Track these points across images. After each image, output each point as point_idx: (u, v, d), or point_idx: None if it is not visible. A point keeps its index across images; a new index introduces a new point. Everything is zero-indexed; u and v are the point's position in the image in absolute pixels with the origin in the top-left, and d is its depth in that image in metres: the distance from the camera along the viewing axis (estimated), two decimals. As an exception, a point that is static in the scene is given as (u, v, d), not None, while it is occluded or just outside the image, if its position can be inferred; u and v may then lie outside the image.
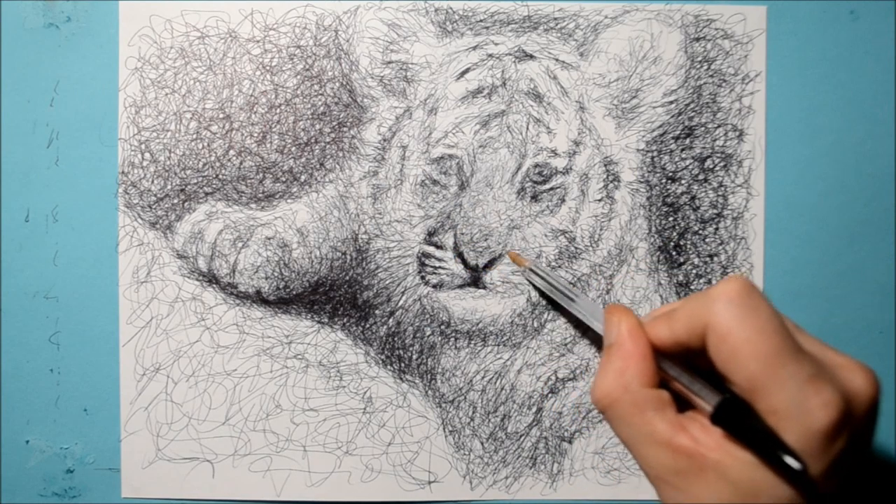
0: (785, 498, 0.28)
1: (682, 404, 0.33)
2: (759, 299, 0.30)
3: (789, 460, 0.27)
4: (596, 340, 0.50)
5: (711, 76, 0.50)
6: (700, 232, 0.50)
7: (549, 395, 0.51)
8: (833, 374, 0.29)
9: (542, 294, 0.50)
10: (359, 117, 0.50)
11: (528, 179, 0.50)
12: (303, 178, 0.50)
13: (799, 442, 0.28)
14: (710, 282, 0.50)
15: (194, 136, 0.50)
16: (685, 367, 0.33)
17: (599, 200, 0.50)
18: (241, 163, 0.50)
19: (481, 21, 0.50)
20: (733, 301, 0.30)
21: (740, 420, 0.29)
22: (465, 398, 0.51)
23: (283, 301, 0.50)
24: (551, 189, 0.50)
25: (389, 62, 0.50)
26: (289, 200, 0.50)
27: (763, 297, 0.30)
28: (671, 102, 0.50)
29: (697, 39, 0.50)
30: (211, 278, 0.50)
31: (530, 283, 0.49)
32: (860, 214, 0.51)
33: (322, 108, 0.50)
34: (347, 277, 0.50)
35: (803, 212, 0.51)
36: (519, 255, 0.49)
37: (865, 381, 0.30)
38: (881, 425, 0.51)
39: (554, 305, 0.50)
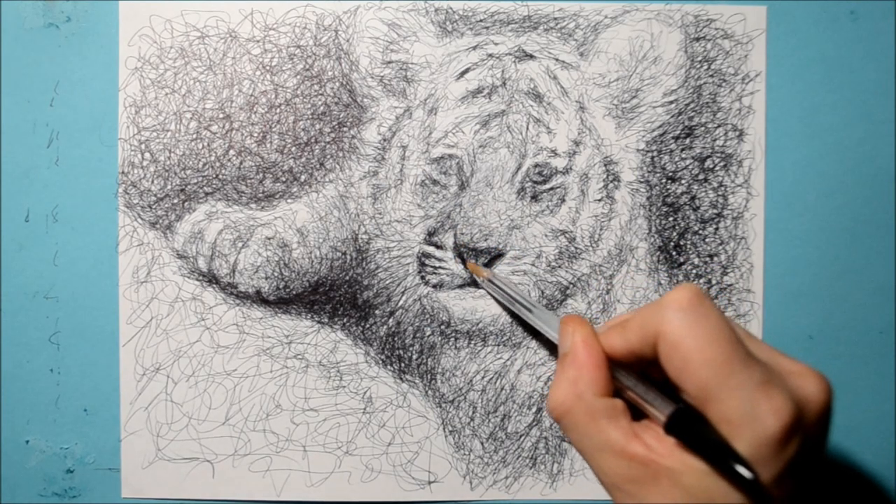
0: None
1: (637, 413, 0.33)
2: (709, 307, 0.30)
3: (741, 469, 0.27)
4: (554, 351, 0.50)
5: (711, 76, 0.50)
6: (700, 232, 0.50)
7: (549, 395, 0.51)
8: (784, 380, 0.30)
9: (500, 305, 0.50)
10: (359, 117, 0.50)
11: (528, 179, 0.50)
12: (303, 178, 0.50)
13: (750, 449, 0.28)
14: (710, 282, 0.50)
15: (194, 136, 0.50)
16: (639, 377, 0.33)
17: (599, 200, 0.50)
18: (241, 163, 0.50)
19: (481, 21, 0.50)
20: (683, 309, 0.30)
21: (692, 429, 0.30)
22: (465, 398, 0.51)
23: (283, 301, 0.50)
24: (551, 189, 0.50)
25: (389, 62, 0.50)
26: (289, 200, 0.50)
27: (713, 305, 0.31)
28: (671, 102, 0.50)
29: (697, 39, 0.50)
30: (211, 278, 0.50)
31: (489, 293, 0.49)
32: (860, 214, 0.51)
33: (322, 108, 0.50)
34: (347, 277, 0.50)
35: (803, 212, 0.51)
36: (478, 267, 0.49)
37: (817, 387, 0.30)
38: (877, 427, 0.51)
39: (512, 315, 0.50)
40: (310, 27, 0.50)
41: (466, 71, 0.50)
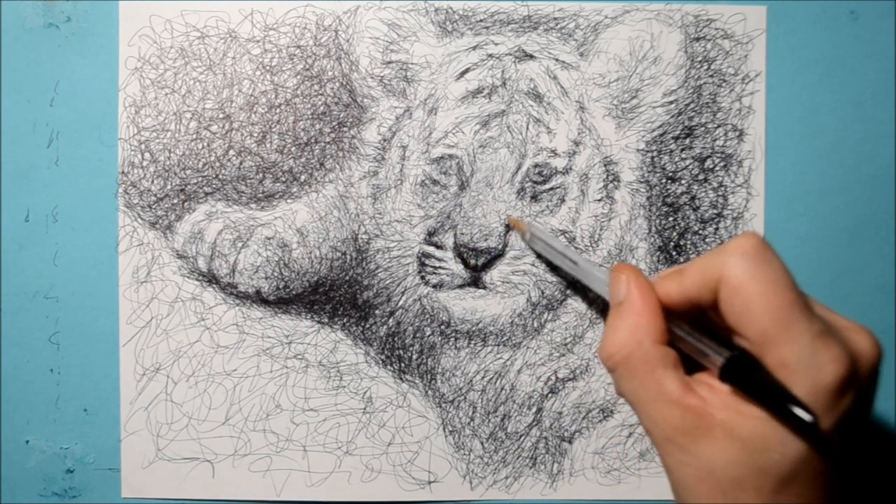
0: (794, 453, 0.28)
1: (689, 369, 0.33)
2: (772, 255, 0.30)
3: (800, 412, 0.27)
4: (595, 302, 0.50)
5: (711, 76, 0.50)
6: (700, 232, 0.50)
7: (549, 395, 0.51)
8: (840, 333, 0.30)
9: (542, 258, 0.49)
10: (359, 117, 0.50)
11: (528, 179, 0.50)
12: (303, 178, 0.50)
13: (809, 396, 0.28)
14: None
15: (194, 136, 0.50)
16: (693, 326, 0.33)
17: (599, 200, 0.50)
18: (241, 163, 0.50)
19: (481, 21, 0.50)
20: (748, 255, 0.30)
21: (749, 375, 0.29)
22: (465, 398, 0.51)
23: (283, 301, 0.50)
24: (551, 189, 0.50)
25: (389, 62, 0.50)
26: (289, 200, 0.50)
27: (776, 253, 0.30)
28: (671, 102, 0.50)
29: (697, 39, 0.50)
30: (211, 278, 0.50)
31: (531, 248, 0.49)
32: (860, 214, 0.51)
33: (322, 108, 0.50)
34: (347, 277, 0.50)
35: (803, 212, 0.51)
36: (519, 220, 0.48)
37: (869, 344, 0.30)
38: (877, 427, 0.51)
39: (553, 268, 0.49)
40: (310, 27, 0.50)
41: (466, 71, 0.50)
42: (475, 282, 0.50)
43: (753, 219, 0.50)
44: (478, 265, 0.49)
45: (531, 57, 0.50)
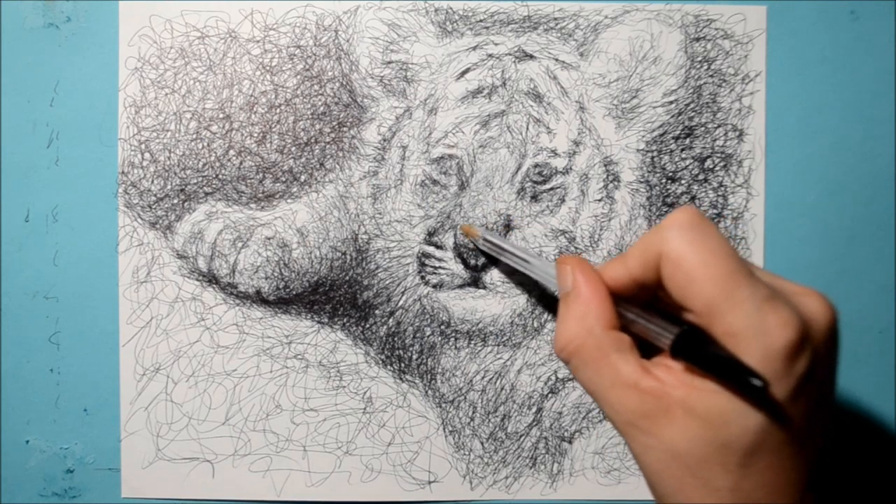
0: (754, 424, 0.28)
1: (644, 353, 0.32)
2: (709, 225, 0.30)
3: (752, 380, 0.26)
4: (553, 305, 0.50)
5: (711, 76, 0.50)
6: (700, 232, 0.50)
7: (549, 395, 0.51)
8: (789, 298, 0.29)
9: (495, 262, 0.49)
10: (359, 117, 0.50)
11: (528, 179, 0.50)
12: (303, 178, 0.50)
13: (760, 363, 0.27)
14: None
15: (194, 136, 0.50)
16: (642, 308, 0.32)
17: (599, 200, 0.50)
18: (241, 163, 0.50)
19: (481, 21, 0.50)
20: (684, 227, 0.30)
21: (699, 349, 0.29)
22: (465, 398, 0.51)
23: (283, 301, 0.50)
24: (551, 189, 0.50)
25: (389, 62, 0.50)
26: (289, 200, 0.50)
27: (713, 224, 0.30)
28: (671, 102, 0.50)
29: (697, 39, 0.50)
30: (211, 278, 0.50)
31: (483, 253, 0.49)
32: (860, 214, 0.51)
33: (322, 108, 0.50)
34: (347, 277, 0.50)
35: (803, 212, 0.51)
36: (471, 227, 0.48)
37: (821, 306, 0.30)
38: (878, 427, 0.51)
39: (509, 272, 0.49)
40: (310, 27, 0.50)
41: (466, 71, 0.50)
42: (475, 282, 0.50)
43: (753, 219, 0.50)
44: (478, 265, 0.49)
45: (531, 57, 0.50)
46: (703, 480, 0.28)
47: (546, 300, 0.50)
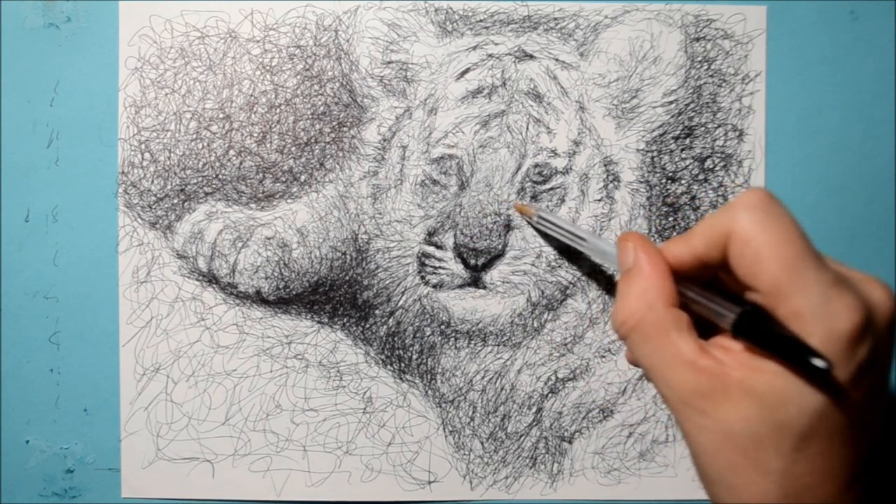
0: (812, 406, 0.28)
1: (703, 336, 0.32)
2: (780, 207, 0.30)
3: (815, 360, 0.26)
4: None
5: (711, 76, 0.50)
6: (700, 232, 0.50)
7: (549, 395, 0.51)
8: (853, 284, 0.29)
9: (550, 241, 0.49)
10: (359, 117, 0.50)
11: (527, 179, 0.50)
12: (303, 178, 0.50)
13: (823, 345, 0.27)
14: (710, 282, 0.50)
15: (194, 136, 0.50)
16: (703, 287, 0.32)
17: (599, 200, 0.50)
18: (241, 163, 0.50)
19: (481, 21, 0.50)
20: (755, 207, 0.30)
21: (762, 328, 0.29)
22: (465, 398, 0.51)
23: (283, 301, 0.50)
24: (551, 189, 0.50)
25: (389, 62, 0.50)
26: (289, 200, 0.50)
27: (784, 206, 0.30)
28: (671, 102, 0.50)
29: (697, 39, 0.50)
30: (211, 278, 0.50)
31: (539, 232, 0.49)
32: (860, 214, 0.51)
33: (322, 108, 0.50)
34: (347, 277, 0.50)
35: (803, 212, 0.51)
36: (525, 205, 0.48)
37: (885, 294, 0.30)
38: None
39: (562, 251, 0.49)
40: (310, 27, 0.50)
41: (466, 71, 0.50)
42: (475, 282, 0.50)
43: (753, 219, 0.50)
44: (478, 265, 0.49)
45: (531, 57, 0.50)
46: (755, 462, 0.28)
47: (596, 277, 0.50)
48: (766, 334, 0.29)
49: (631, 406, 0.51)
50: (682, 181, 0.50)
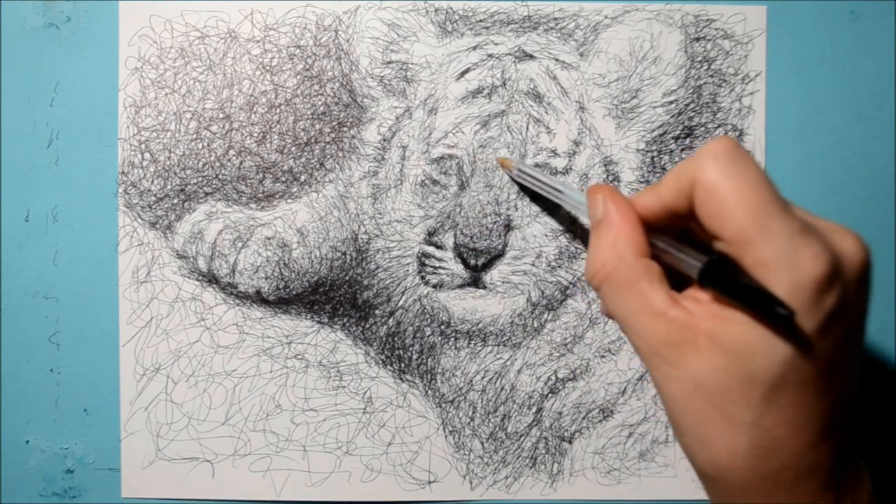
0: (780, 356, 0.27)
1: (676, 287, 0.32)
2: (745, 156, 0.30)
3: (778, 309, 0.26)
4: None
5: (711, 76, 0.50)
6: (700, 232, 0.50)
7: (549, 395, 0.51)
8: (821, 233, 0.29)
9: (530, 194, 0.49)
10: (359, 117, 0.50)
11: (528, 179, 0.50)
12: (303, 178, 0.50)
13: (789, 294, 0.27)
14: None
15: (194, 136, 0.50)
16: (672, 237, 0.32)
17: (599, 200, 0.50)
18: (241, 163, 0.50)
19: (481, 21, 0.50)
20: (720, 155, 0.29)
21: (728, 277, 0.29)
22: (465, 398, 0.51)
23: (283, 301, 0.50)
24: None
25: (389, 62, 0.50)
26: (289, 200, 0.50)
27: (750, 155, 0.30)
28: (671, 102, 0.50)
29: (697, 39, 0.50)
30: (211, 278, 0.50)
31: (518, 184, 0.49)
32: (860, 214, 0.51)
33: (322, 108, 0.50)
34: (347, 277, 0.50)
35: (803, 212, 0.51)
36: (506, 159, 0.48)
37: (854, 243, 0.29)
38: (877, 428, 0.51)
39: (542, 204, 0.50)
40: (310, 27, 0.50)
41: (466, 71, 0.50)
42: (475, 282, 0.50)
43: (753, 219, 0.50)
44: (478, 265, 0.49)
45: (531, 57, 0.50)
46: (724, 413, 0.28)
47: (579, 233, 0.50)
48: (732, 283, 0.28)
49: (631, 406, 0.51)
50: (682, 181, 0.50)
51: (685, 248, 0.31)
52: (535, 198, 0.50)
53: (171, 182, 0.50)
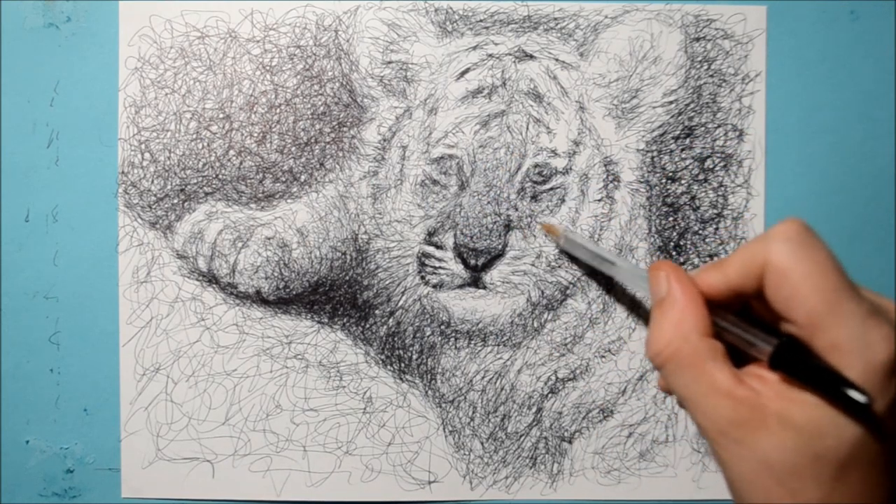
0: (850, 437, 0.28)
1: (736, 364, 0.32)
2: (816, 239, 0.30)
3: (853, 394, 0.27)
4: (634, 307, 0.50)
5: (711, 76, 0.50)
6: (700, 232, 0.50)
7: (549, 395, 0.51)
8: (889, 315, 0.29)
9: (577, 263, 0.49)
10: (359, 117, 0.50)
11: (528, 179, 0.50)
12: (303, 178, 0.50)
13: (861, 376, 0.27)
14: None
15: (194, 136, 0.50)
16: (737, 317, 0.32)
17: (599, 200, 0.50)
18: (241, 163, 0.50)
19: (481, 21, 0.50)
20: (792, 239, 0.30)
21: (800, 360, 0.29)
22: (465, 398, 0.51)
23: (283, 301, 0.50)
24: (551, 189, 0.50)
25: (389, 62, 0.50)
26: (289, 200, 0.50)
27: (820, 237, 0.30)
28: (671, 102, 0.50)
29: (697, 39, 0.50)
30: (211, 278, 0.50)
31: (565, 253, 0.49)
32: (860, 214, 0.51)
33: (322, 108, 0.50)
34: (347, 277, 0.50)
35: (803, 212, 0.51)
36: (553, 226, 0.48)
37: None
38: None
39: (590, 273, 0.50)
40: (310, 27, 0.50)
41: (466, 71, 0.50)
42: (475, 282, 0.50)
43: (753, 219, 0.50)
44: (478, 265, 0.49)
45: (531, 57, 0.50)
46: (792, 492, 0.29)
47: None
48: (805, 366, 0.29)
49: (631, 406, 0.51)
50: (682, 181, 0.50)
51: (751, 328, 0.32)
52: (580, 263, 0.50)
53: (171, 182, 0.50)
